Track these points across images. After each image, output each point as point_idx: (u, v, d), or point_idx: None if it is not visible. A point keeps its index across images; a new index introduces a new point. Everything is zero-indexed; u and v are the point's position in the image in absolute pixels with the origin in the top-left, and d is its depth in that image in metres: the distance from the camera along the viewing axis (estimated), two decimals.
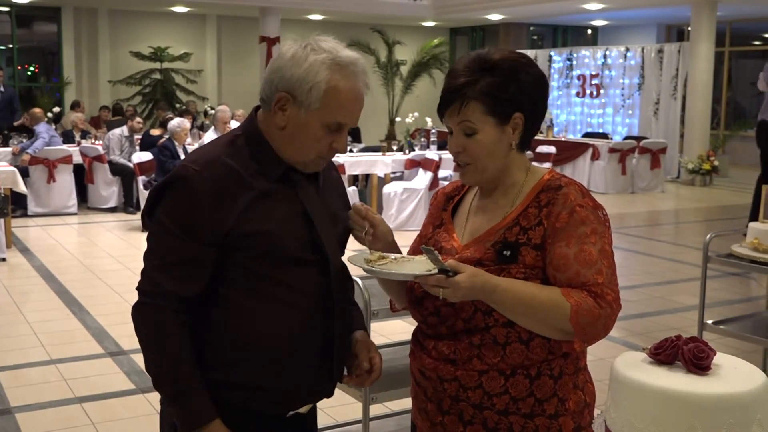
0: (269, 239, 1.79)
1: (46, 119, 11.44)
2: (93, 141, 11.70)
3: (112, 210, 11.01)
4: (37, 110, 11.24)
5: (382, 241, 1.92)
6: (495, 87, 1.79)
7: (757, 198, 7.99)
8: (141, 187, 9.74)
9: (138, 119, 11.37)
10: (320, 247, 1.86)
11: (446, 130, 1.91)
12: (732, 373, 1.59)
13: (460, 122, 1.82)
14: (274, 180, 1.84)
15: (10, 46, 17.05)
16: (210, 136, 10.58)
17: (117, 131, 11.16)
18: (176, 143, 9.82)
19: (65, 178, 10.59)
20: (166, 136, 10.35)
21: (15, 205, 9.80)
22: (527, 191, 1.86)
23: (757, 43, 19.13)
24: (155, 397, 4.60)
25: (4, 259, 7.85)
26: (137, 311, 1.83)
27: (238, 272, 1.81)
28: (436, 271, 1.68)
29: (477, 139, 1.82)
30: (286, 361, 1.85)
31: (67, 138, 11.65)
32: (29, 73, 18.26)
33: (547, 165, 12.69)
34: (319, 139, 1.82)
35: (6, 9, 16.51)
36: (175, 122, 10.07)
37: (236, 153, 1.83)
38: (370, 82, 1.88)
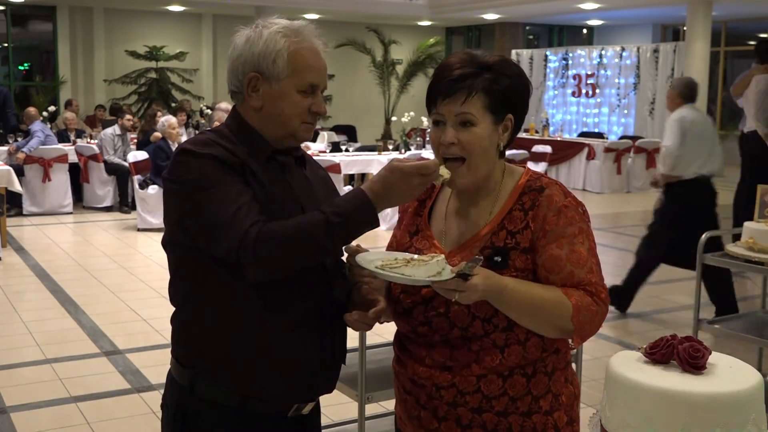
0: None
1: (41, 118, 11.41)
2: (88, 140, 11.68)
3: (108, 209, 10.99)
4: (31, 110, 11.21)
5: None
6: (495, 83, 1.80)
7: (736, 203, 7.84)
8: (137, 186, 9.72)
9: (128, 116, 11.31)
10: None
11: None
12: (727, 373, 1.59)
13: (459, 113, 1.78)
14: (264, 162, 1.84)
15: (5, 44, 16.99)
16: None
17: (108, 131, 11.12)
18: (170, 142, 9.81)
19: (60, 177, 10.57)
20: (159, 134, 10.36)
21: (10, 204, 9.78)
22: (507, 193, 1.85)
23: (752, 42, 19.15)
24: (150, 396, 4.61)
25: None
26: (255, 246, 1.68)
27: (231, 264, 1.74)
28: (452, 275, 1.64)
29: (474, 131, 1.79)
30: (282, 351, 1.80)
31: (62, 137, 11.63)
32: (24, 70, 18.21)
33: (543, 165, 12.73)
34: (297, 104, 1.83)
35: (1, 8, 16.46)
36: (161, 121, 10.03)
37: (225, 139, 1.84)
38: (326, 42, 1.89)
